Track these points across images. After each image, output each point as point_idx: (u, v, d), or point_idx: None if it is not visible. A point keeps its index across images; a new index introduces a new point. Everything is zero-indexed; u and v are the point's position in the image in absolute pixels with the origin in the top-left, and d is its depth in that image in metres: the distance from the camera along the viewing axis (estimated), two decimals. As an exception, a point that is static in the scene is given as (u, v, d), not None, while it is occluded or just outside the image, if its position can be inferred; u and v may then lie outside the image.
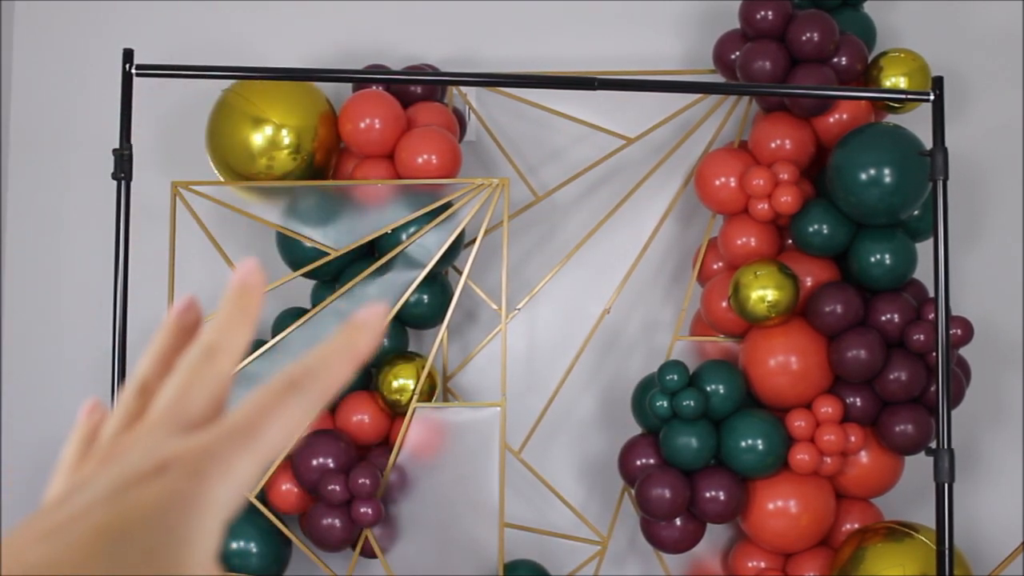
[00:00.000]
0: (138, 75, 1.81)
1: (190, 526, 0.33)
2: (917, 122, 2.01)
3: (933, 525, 1.82)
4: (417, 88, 2.16)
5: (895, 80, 2.08)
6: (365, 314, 0.39)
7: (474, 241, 2.05)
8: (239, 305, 0.40)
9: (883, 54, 2.11)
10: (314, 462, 2.01)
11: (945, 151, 1.82)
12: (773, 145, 2.12)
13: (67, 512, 0.32)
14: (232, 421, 0.36)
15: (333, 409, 2.11)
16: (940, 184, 1.82)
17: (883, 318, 2.02)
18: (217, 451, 0.35)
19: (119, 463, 0.34)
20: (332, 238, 2.06)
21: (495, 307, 2.09)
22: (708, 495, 2.03)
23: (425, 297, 2.10)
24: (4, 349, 2.33)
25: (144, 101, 1.90)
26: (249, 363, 2.03)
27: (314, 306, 2.09)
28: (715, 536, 2.21)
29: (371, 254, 2.13)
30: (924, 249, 2.01)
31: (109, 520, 0.31)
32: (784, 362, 2.05)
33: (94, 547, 0.31)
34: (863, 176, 1.96)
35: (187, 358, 0.38)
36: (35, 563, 0.30)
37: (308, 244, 2.06)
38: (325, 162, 2.12)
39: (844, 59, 2.08)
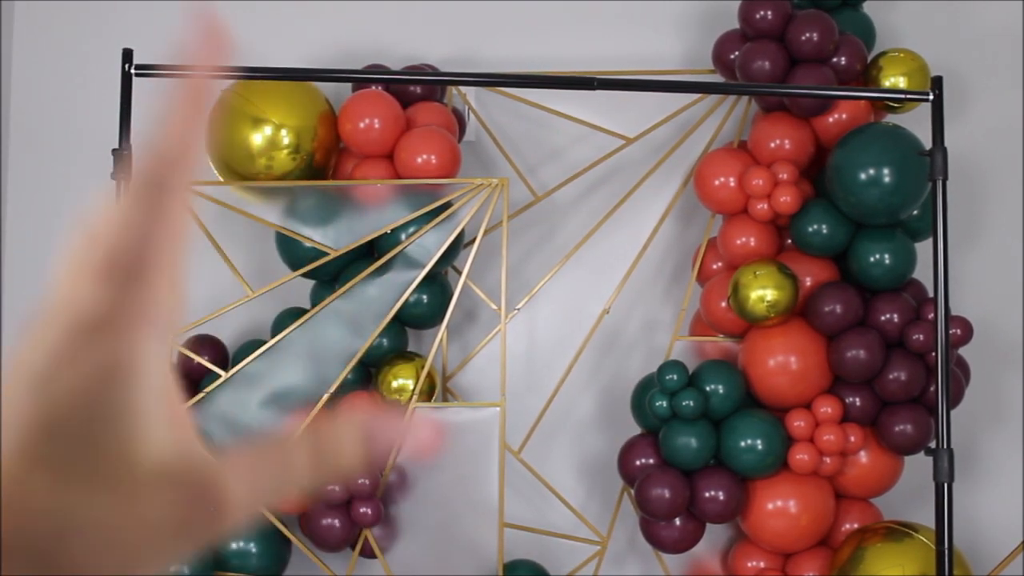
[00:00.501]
0: (138, 75, 1.81)
1: (126, 391, 0.30)
2: (917, 122, 2.01)
3: (933, 525, 1.82)
4: (417, 88, 2.16)
5: (895, 80, 2.08)
6: (198, 36, 0.34)
7: (474, 241, 2.05)
8: (193, 97, 0.34)
9: (883, 54, 2.11)
10: (314, 462, 2.00)
11: (944, 151, 1.82)
12: (773, 145, 2.12)
13: (6, 414, 0.30)
14: (124, 258, 0.32)
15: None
16: (940, 184, 1.82)
17: (883, 318, 2.02)
18: (127, 300, 0.31)
19: (38, 345, 0.32)
20: (332, 238, 2.06)
21: (495, 307, 2.09)
22: (708, 495, 2.03)
23: (425, 297, 2.10)
24: (4, 349, 2.33)
25: (144, 101, 1.90)
26: (248, 363, 2.03)
27: (314, 306, 2.09)
28: (715, 536, 2.21)
29: (371, 254, 2.13)
30: (924, 249, 2.01)
31: (41, 413, 0.29)
32: (784, 362, 2.05)
33: (33, 449, 0.29)
34: (863, 176, 1.96)
35: (135, 183, 0.34)
36: None
37: (308, 244, 2.06)
38: (325, 162, 2.12)
39: (844, 59, 2.08)
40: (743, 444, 2.02)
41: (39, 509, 0.28)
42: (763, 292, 2.00)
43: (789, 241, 2.16)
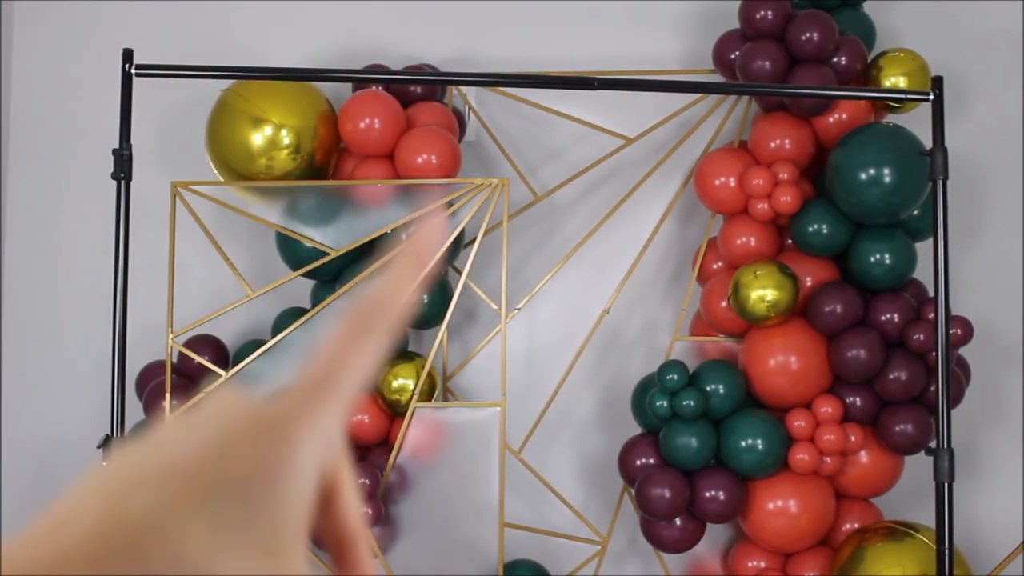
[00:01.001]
0: (138, 75, 1.81)
1: (281, 490, 0.32)
2: (917, 122, 2.01)
3: (933, 525, 1.82)
4: (417, 88, 2.16)
5: (895, 80, 2.08)
6: (425, 229, 0.38)
7: (474, 241, 2.05)
8: (408, 264, 0.39)
9: (883, 54, 2.11)
10: (314, 462, 2.00)
11: (945, 151, 1.82)
12: (773, 145, 2.12)
13: (178, 456, 0.32)
14: (311, 375, 0.35)
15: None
16: (940, 184, 1.82)
17: (883, 318, 2.02)
18: (300, 411, 0.34)
19: (233, 413, 0.34)
20: (332, 238, 2.06)
21: (495, 307, 2.09)
22: (708, 495, 2.03)
23: (425, 297, 2.11)
24: (4, 349, 2.33)
25: (144, 101, 1.90)
26: (249, 363, 2.03)
27: (314, 306, 2.09)
28: (715, 536, 2.21)
29: (371, 254, 2.13)
30: (924, 249, 2.01)
31: (214, 470, 0.31)
32: (784, 362, 2.05)
33: (195, 494, 0.30)
34: (863, 176, 1.96)
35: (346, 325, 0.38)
36: (140, 507, 0.29)
37: (308, 244, 2.06)
38: (325, 162, 2.12)
39: (844, 59, 2.08)
40: (743, 444, 2.02)
41: (182, 555, 0.28)
42: (763, 292, 2.00)
43: (789, 241, 2.16)
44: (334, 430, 0.35)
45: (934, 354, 1.85)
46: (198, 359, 2.07)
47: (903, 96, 1.99)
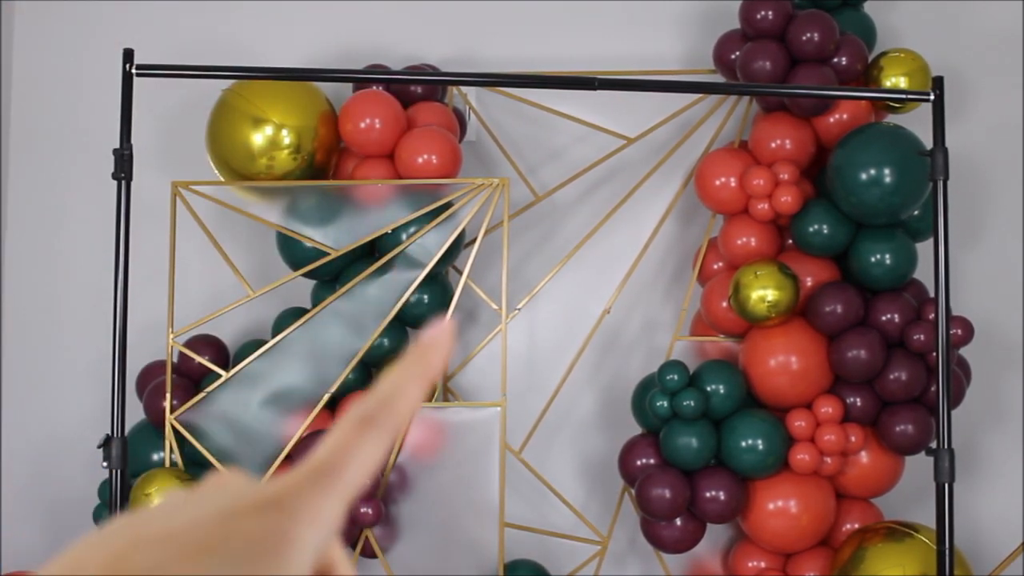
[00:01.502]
0: (138, 75, 1.80)
1: (279, 565, 0.33)
2: (917, 122, 2.01)
3: (933, 525, 1.82)
4: (417, 88, 2.16)
5: (895, 80, 2.08)
6: (432, 333, 0.39)
7: (474, 241, 2.05)
8: (418, 365, 0.40)
9: (883, 54, 2.11)
10: (314, 462, 2.00)
11: (945, 151, 1.82)
12: (773, 145, 2.12)
13: (181, 522, 0.33)
14: (315, 463, 0.37)
15: (333, 409, 2.11)
16: (940, 184, 1.82)
17: (883, 318, 2.02)
18: (303, 494, 0.35)
19: (234, 490, 0.36)
20: (332, 238, 2.06)
21: (495, 307, 2.09)
22: (708, 495, 2.03)
23: (425, 297, 2.10)
24: (4, 349, 2.33)
25: (144, 101, 1.90)
26: (249, 363, 2.03)
27: (314, 306, 2.09)
28: (715, 536, 2.21)
29: (371, 254, 2.13)
30: (924, 249, 2.01)
31: (214, 539, 0.32)
32: (784, 362, 2.05)
33: (196, 561, 0.31)
34: (863, 176, 1.96)
35: (355, 415, 0.39)
36: (140, 565, 0.31)
37: (308, 244, 2.06)
38: (325, 162, 2.12)
39: (844, 59, 2.08)
40: (744, 444, 2.02)
41: None
42: (764, 292, 2.00)
43: (790, 241, 2.16)
44: (334, 518, 0.36)
45: (934, 354, 1.85)
46: (198, 359, 2.06)
47: (903, 96, 1.99)
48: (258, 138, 2.04)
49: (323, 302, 2.06)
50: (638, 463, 2.08)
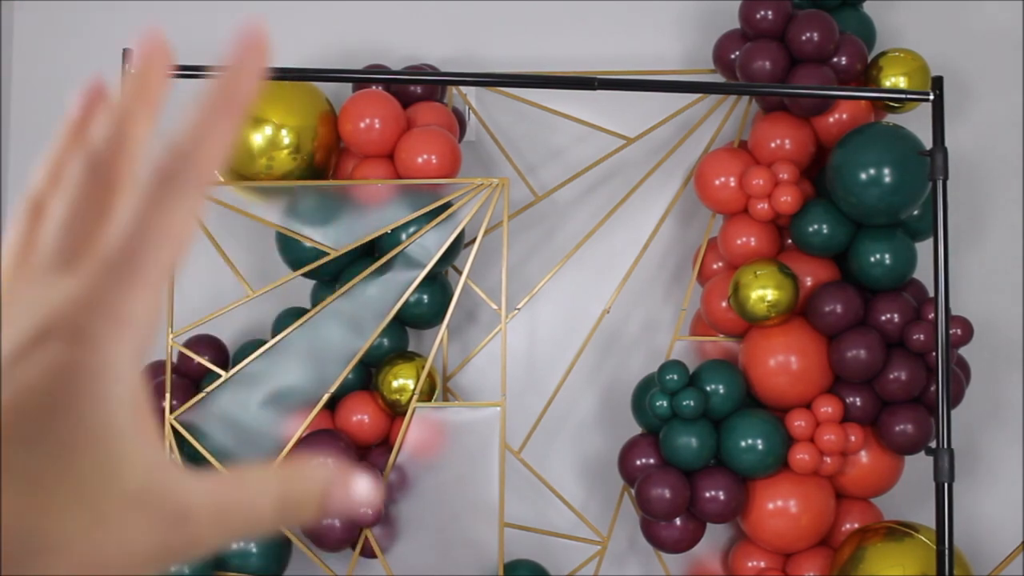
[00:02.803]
0: (138, 75, 1.80)
1: (93, 399, 0.27)
2: (917, 122, 2.01)
3: (933, 525, 1.82)
4: (417, 88, 2.16)
5: (895, 80, 2.08)
6: (237, 52, 0.30)
7: (474, 241, 2.05)
8: (138, 92, 0.31)
9: (883, 54, 2.11)
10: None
11: (945, 151, 1.82)
12: (773, 145, 2.12)
13: None
14: (109, 250, 0.28)
15: (333, 409, 2.11)
16: (940, 184, 1.82)
17: (883, 318, 2.02)
18: (99, 298, 0.28)
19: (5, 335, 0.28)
20: (332, 238, 2.06)
21: (495, 307, 2.09)
22: (708, 495, 2.03)
23: (425, 297, 2.10)
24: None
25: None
26: (249, 363, 2.03)
27: (314, 306, 2.09)
28: (715, 536, 2.21)
29: (371, 254, 2.13)
30: (924, 249, 2.01)
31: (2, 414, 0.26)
32: (784, 362, 2.05)
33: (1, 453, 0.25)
34: (863, 176, 1.96)
35: (75, 166, 0.31)
36: None
37: (308, 244, 2.06)
38: (325, 162, 2.12)
39: (844, 59, 2.08)
40: (743, 444, 2.02)
41: (8, 527, 0.25)
42: (763, 292, 2.00)
43: (789, 241, 2.16)
44: (146, 317, 0.28)
45: (934, 354, 1.85)
46: (198, 359, 2.06)
47: (903, 96, 1.99)
48: (258, 138, 2.04)
49: (323, 302, 2.06)
50: (638, 463, 2.08)
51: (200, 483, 0.29)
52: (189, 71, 1.88)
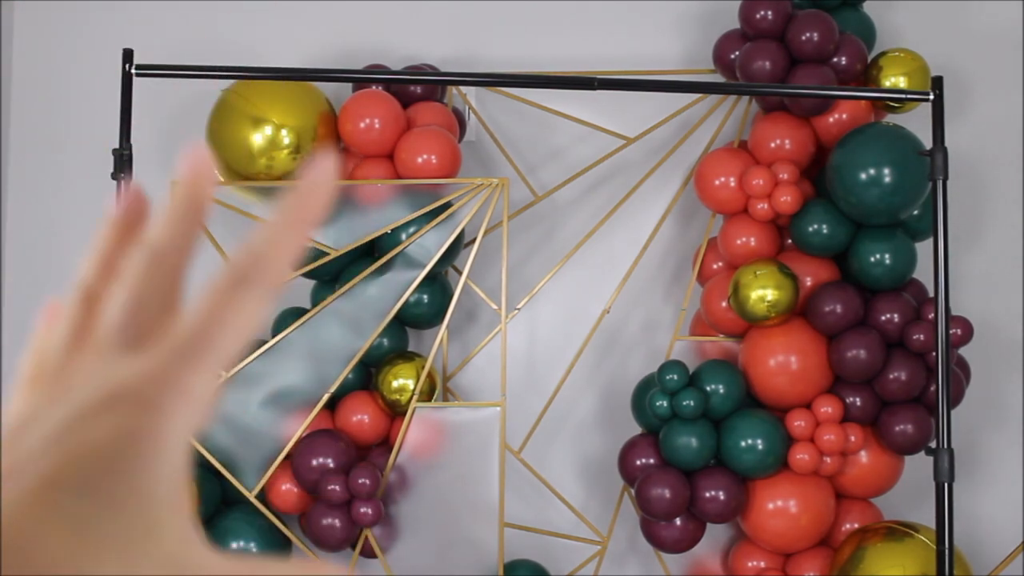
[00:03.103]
0: (138, 75, 1.81)
1: (148, 464, 0.29)
2: (917, 122, 2.01)
3: (933, 525, 1.82)
4: (417, 88, 2.16)
5: (895, 80, 2.08)
6: (311, 174, 0.34)
7: (474, 241, 2.05)
8: (189, 198, 0.35)
9: (883, 54, 2.11)
10: (314, 462, 2.01)
11: (945, 151, 1.82)
12: (773, 145, 2.12)
13: (12, 459, 0.28)
14: (181, 335, 0.31)
15: (333, 409, 2.11)
16: (940, 184, 1.82)
17: (883, 318, 2.02)
18: (168, 375, 0.30)
19: (66, 398, 0.31)
20: (332, 238, 2.06)
21: (495, 307, 2.09)
22: (708, 495, 2.03)
23: (425, 297, 2.10)
24: (4, 349, 2.33)
25: (144, 101, 1.90)
26: (249, 363, 2.03)
27: (314, 306, 2.09)
28: (715, 536, 2.21)
29: (371, 254, 2.13)
30: (924, 249, 2.01)
31: (59, 465, 0.28)
32: (784, 362, 2.05)
33: (44, 498, 0.27)
34: (863, 176, 1.96)
35: (134, 261, 0.34)
36: None
37: (307, 244, 2.06)
38: (325, 162, 2.12)
39: (844, 59, 2.08)
40: (743, 444, 2.02)
41: (49, 564, 0.26)
42: (763, 292, 2.00)
43: (789, 241, 2.17)
44: (206, 396, 0.31)
45: (934, 354, 1.85)
46: (198, 359, 2.06)
47: (903, 96, 1.99)
48: (258, 138, 2.04)
49: (323, 302, 2.06)
50: (638, 463, 2.08)
51: (222, 562, 0.31)
52: (190, 71, 1.88)
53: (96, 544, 0.27)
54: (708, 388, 2.03)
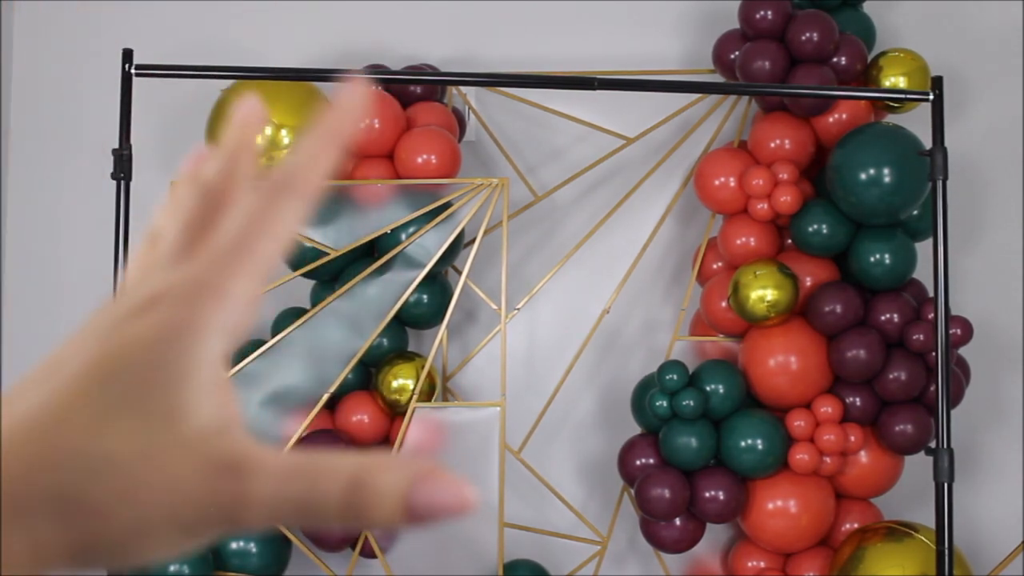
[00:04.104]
0: (138, 75, 1.80)
1: (187, 355, 0.32)
2: (917, 122, 2.01)
3: (933, 525, 1.82)
4: (417, 88, 2.16)
5: (895, 80, 2.08)
6: (345, 95, 0.37)
7: (474, 241, 2.05)
8: (234, 138, 0.39)
9: (883, 54, 2.11)
10: (314, 462, 2.00)
11: (945, 151, 1.82)
12: (773, 145, 2.12)
13: (63, 352, 0.32)
14: (222, 241, 0.35)
15: (333, 409, 2.11)
16: (940, 184, 1.82)
17: (883, 318, 2.02)
18: (209, 277, 0.33)
19: (116, 301, 0.34)
20: (332, 238, 2.06)
21: (495, 307, 2.09)
22: (708, 495, 2.03)
23: (425, 297, 2.11)
24: (4, 349, 2.33)
25: (144, 101, 1.90)
26: (249, 363, 2.03)
27: (314, 306, 2.09)
28: (715, 536, 2.21)
29: (371, 254, 2.13)
30: (924, 249, 2.01)
31: (99, 357, 0.31)
32: (784, 362, 2.05)
33: (81, 388, 0.30)
34: (863, 176, 1.96)
35: (187, 193, 0.38)
36: (21, 412, 0.29)
37: (308, 244, 2.06)
38: (325, 162, 2.12)
39: (844, 59, 2.08)
40: (743, 444, 2.02)
41: (72, 447, 0.29)
42: (763, 292, 2.00)
43: (789, 241, 2.17)
44: (249, 297, 0.34)
45: (934, 354, 1.85)
46: (198, 359, 2.06)
47: (903, 96, 1.99)
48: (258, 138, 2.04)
49: (323, 302, 2.06)
50: (638, 463, 2.08)
51: (267, 451, 0.32)
52: (190, 71, 1.88)
53: (118, 425, 0.30)
54: (708, 388, 2.03)
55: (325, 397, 2.02)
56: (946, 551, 1.78)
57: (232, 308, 0.33)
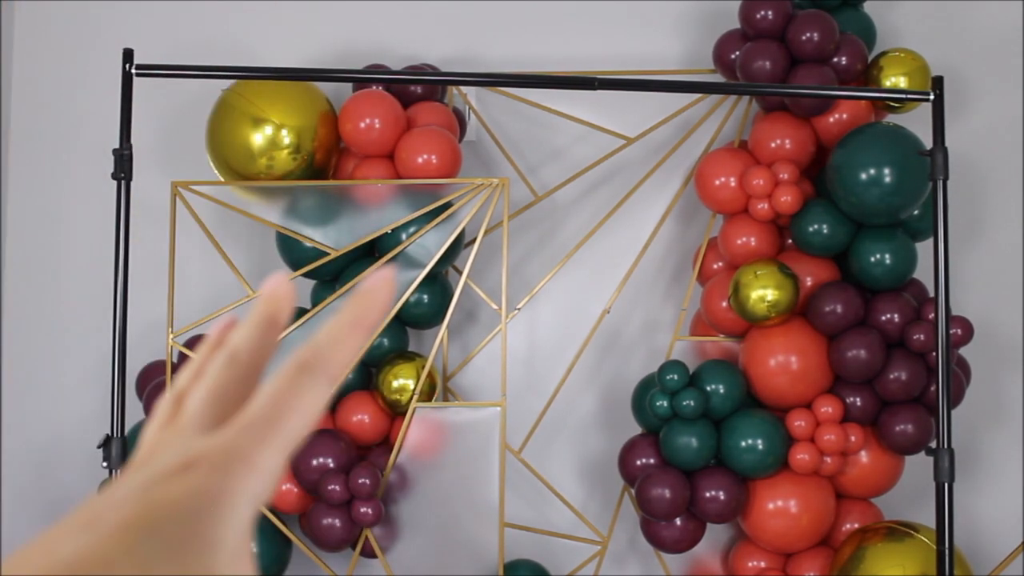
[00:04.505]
0: (138, 75, 1.80)
1: (217, 522, 0.33)
2: (917, 122, 2.01)
3: (933, 525, 1.82)
4: (417, 88, 2.16)
5: (895, 80, 2.08)
6: (373, 281, 0.39)
7: (474, 241, 2.05)
8: (264, 313, 0.41)
9: (883, 54, 2.11)
10: (314, 462, 2.01)
11: (945, 151, 1.82)
12: (773, 145, 2.12)
13: (100, 506, 0.33)
14: (251, 415, 0.37)
15: (333, 409, 2.11)
16: (940, 184, 1.82)
17: (883, 318, 2.02)
18: (239, 448, 0.35)
19: (150, 462, 0.36)
20: (332, 238, 2.06)
21: (495, 307, 2.09)
22: (708, 495, 2.03)
23: (425, 297, 2.10)
24: (4, 349, 2.33)
25: (144, 101, 1.90)
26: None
27: (314, 306, 2.09)
28: (715, 536, 2.21)
29: (371, 254, 2.13)
30: (924, 249, 2.01)
31: (137, 515, 0.32)
32: (784, 362, 2.05)
33: (122, 541, 0.31)
34: (863, 176, 1.96)
35: (216, 362, 0.40)
36: (65, 556, 0.31)
37: (308, 244, 2.06)
38: (325, 162, 2.12)
39: (844, 59, 2.08)
40: (743, 444, 2.02)
41: None
42: (764, 292, 2.00)
43: (789, 241, 2.17)
44: (274, 470, 0.36)
45: (934, 354, 1.85)
46: (198, 359, 2.06)
47: (903, 96, 1.99)
48: (258, 138, 2.04)
49: (323, 302, 2.06)
50: (638, 463, 2.08)
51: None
52: (190, 71, 1.88)
53: (159, 572, 0.31)
54: (708, 388, 2.03)
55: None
56: (946, 551, 1.78)
57: (260, 478, 0.35)
